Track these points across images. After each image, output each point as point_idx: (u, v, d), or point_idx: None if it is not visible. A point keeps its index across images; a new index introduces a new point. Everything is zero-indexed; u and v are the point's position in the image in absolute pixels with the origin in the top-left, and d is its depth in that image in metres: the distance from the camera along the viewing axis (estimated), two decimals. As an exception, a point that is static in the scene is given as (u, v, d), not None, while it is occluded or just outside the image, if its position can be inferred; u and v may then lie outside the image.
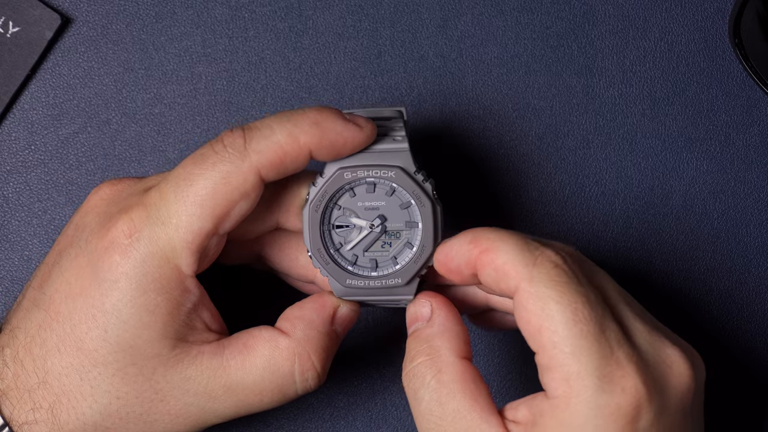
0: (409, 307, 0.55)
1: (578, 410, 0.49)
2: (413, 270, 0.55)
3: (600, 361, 0.49)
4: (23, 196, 0.63)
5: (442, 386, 0.51)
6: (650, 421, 0.49)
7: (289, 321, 0.54)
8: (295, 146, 0.52)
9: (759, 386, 0.64)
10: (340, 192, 0.55)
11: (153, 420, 0.53)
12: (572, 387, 0.49)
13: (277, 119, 0.53)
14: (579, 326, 0.49)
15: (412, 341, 0.54)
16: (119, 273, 0.52)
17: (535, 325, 0.50)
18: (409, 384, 0.52)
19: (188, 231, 0.52)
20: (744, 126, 0.64)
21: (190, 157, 0.53)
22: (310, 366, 0.53)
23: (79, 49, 0.63)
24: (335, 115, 0.53)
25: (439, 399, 0.51)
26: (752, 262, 0.64)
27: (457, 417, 0.51)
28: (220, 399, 0.53)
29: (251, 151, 0.52)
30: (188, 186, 0.52)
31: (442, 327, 0.54)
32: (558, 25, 0.64)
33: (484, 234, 0.52)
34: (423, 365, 0.52)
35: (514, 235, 0.52)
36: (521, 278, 0.50)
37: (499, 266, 0.51)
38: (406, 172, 0.54)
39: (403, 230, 0.55)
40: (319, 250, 0.55)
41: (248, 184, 0.52)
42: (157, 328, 0.52)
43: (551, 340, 0.49)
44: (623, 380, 0.49)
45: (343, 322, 0.55)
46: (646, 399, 0.49)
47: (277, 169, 0.52)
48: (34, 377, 0.52)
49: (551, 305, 0.49)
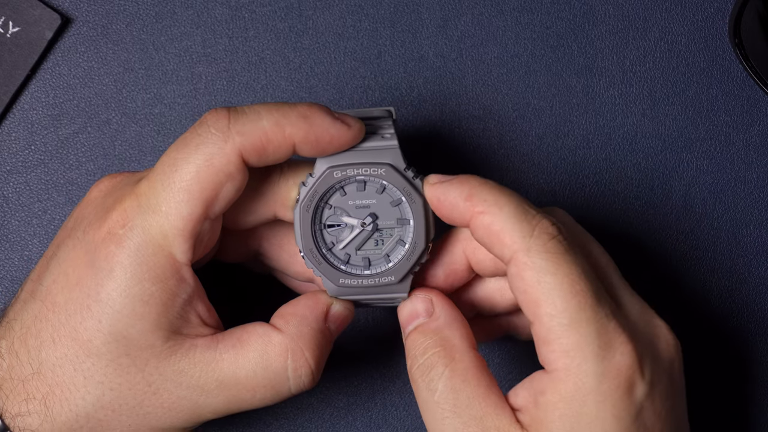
0: (404, 306, 0.55)
1: (580, 380, 0.49)
2: (406, 267, 0.55)
3: (598, 331, 0.50)
4: (23, 196, 0.63)
5: (456, 374, 0.52)
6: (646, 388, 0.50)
7: (282, 317, 0.54)
8: (280, 136, 0.52)
9: (759, 386, 0.64)
10: (330, 191, 0.54)
11: (146, 412, 0.53)
12: (572, 358, 0.49)
13: (266, 107, 0.53)
14: (577, 298, 0.50)
15: (418, 336, 0.54)
16: (114, 263, 0.52)
17: (531, 297, 0.50)
18: (421, 377, 0.53)
19: (178, 217, 0.52)
20: (744, 126, 0.64)
21: (175, 142, 0.53)
22: (303, 362, 0.53)
23: (79, 49, 0.63)
24: (324, 111, 0.53)
25: (454, 387, 0.52)
26: (752, 262, 0.64)
27: (471, 404, 0.51)
28: (213, 393, 0.53)
29: (235, 132, 0.52)
30: (173, 172, 0.52)
31: (449, 318, 0.54)
32: (558, 25, 0.64)
33: (481, 193, 0.52)
34: (435, 356, 0.52)
35: (512, 198, 0.52)
36: (518, 248, 0.51)
37: (494, 232, 0.51)
38: (396, 169, 0.54)
39: (395, 227, 0.55)
40: (311, 250, 0.55)
41: (232, 166, 0.52)
42: (151, 319, 0.52)
43: (548, 312, 0.50)
44: (621, 347, 0.50)
45: (337, 320, 0.55)
46: (641, 365, 0.50)
47: (259, 155, 0.52)
48: (28, 368, 0.52)
49: (548, 277, 0.50)
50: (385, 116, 0.55)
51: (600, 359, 0.49)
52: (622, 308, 0.52)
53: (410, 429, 0.64)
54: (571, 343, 0.49)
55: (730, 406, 0.64)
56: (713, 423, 0.64)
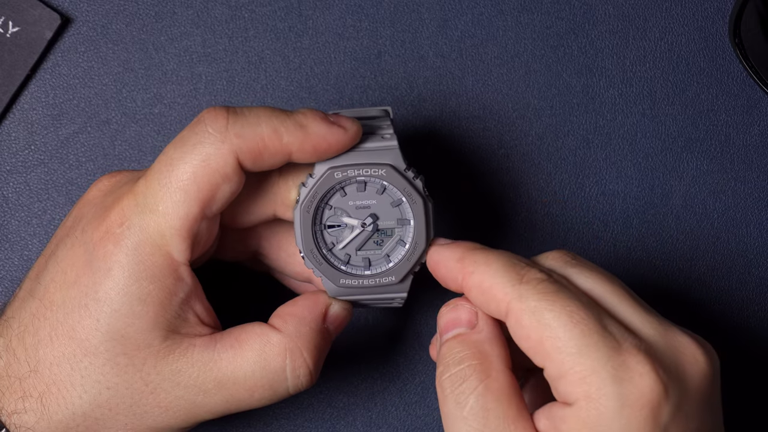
0: (445, 312, 0.54)
1: (602, 404, 0.48)
2: (406, 267, 0.55)
3: (609, 354, 0.48)
4: (23, 196, 0.63)
5: (490, 392, 0.50)
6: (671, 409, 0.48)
7: (281, 318, 0.54)
8: (277, 143, 0.52)
9: (760, 386, 0.64)
10: (330, 192, 0.55)
11: (143, 412, 0.53)
12: (590, 384, 0.48)
13: (265, 111, 0.53)
14: (579, 326, 0.49)
15: (457, 344, 0.52)
16: (112, 261, 0.52)
17: (535, 338, 0.49)
18: (452, 387, 0.51)
19: (175, 217, 0.52)
20: (744, 126, 0.64)
21: (172, 141, 0.53)
22: (301, 362, 0.53)
23: (78, 49, 0.63)
24: (320, 118, 0.53)
25: (486, 405, 0.50)
26: (752, 262, 0.64)
27: (501, 426, 0.50)
28: (211, 393, 0.53)
29: (233, 134, 0.52)
30: (170, 171, 0.52)
31: (491, 334, 0.52)
32: (558, 25, 0.64)
33: (471, 255, 0.52)
34: (471, 369, 0.51)
35: (501, 256, 0.52)
36: (510, 298, 0.50)
37: (486, 289, 0.51)
38: (397, 170, 0.54)
39: (395, 228, 0.55)
40: (311, 251, 0.55)
41: (229, 167, 0.52)
42: (149, 318, 0.52)
43: (555, 346, 0.49)
44: (639, 367, 0.48)
45: (335, 321, 0.55)
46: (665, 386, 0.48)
47: (254, 160, 0.52)
48: (26, 366, 0.53)
49: (545, 315, 0.49)
50: (382, 116, 0.55)
51: (618, 381, 0.48)
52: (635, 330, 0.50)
53: (410, 429, 0.64)
54: (586, 370, 0.48)
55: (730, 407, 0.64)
56: (713, 423, 0.64)
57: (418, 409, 0.64)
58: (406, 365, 0.64)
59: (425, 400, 0.64)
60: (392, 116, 0.55)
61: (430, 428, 0.64)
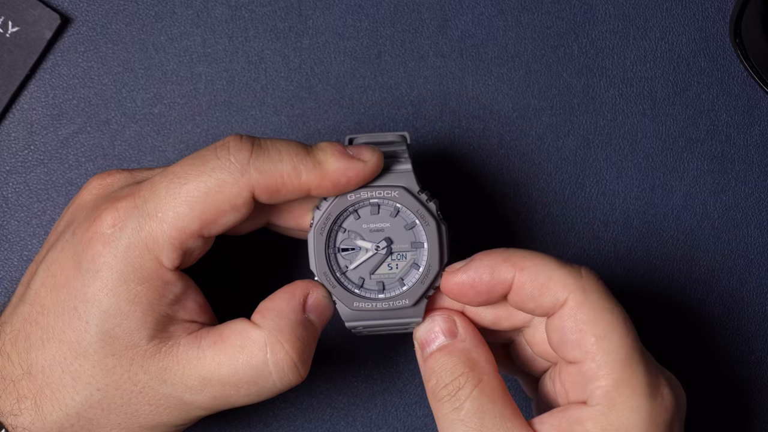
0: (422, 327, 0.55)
1: (625, 415, 0.50)
2: (420, 290, 0.54)
3: (647, 369, 0.51)
4: (23, 196, 0.63)
5: (484, 395, 0.52)
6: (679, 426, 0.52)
7: (260, 313, 0.54)
8: (296, 182, 0.52)
9: (760, 386, 0.64)
10: (344, 214, 0.54)
11: (134, 411, 0.53)
12: (620, 393, 0.50)
13: (287, 147, 0.53)
14: (631, 336, 0.51)
15: (443, 356, 0.54)
16: (101, 263, 0.52)
17: (589, 334, 0.51)
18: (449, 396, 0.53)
19: (173, 227, 0.52)
20: (744, 126, 0.64)
21: (191, 156, 0.53)
22: (283, 355, 0.53)
23: (78, 49, 0.63)
24: (339, 153, 0.53)
25: (482, 407, 0.52)
26: (753, 262, 0.64)
27: (498, 424, 0.52)
28: (197, 390, 0.53)
29: (253, 168, 0.52)
30: (182, 184, 0.52)
31: (475, 340, 0.54)
32: (558, 25, 0.64)
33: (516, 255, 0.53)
34: (464, 377, 0.53)
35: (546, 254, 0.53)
36: (572, 289, 0.52)
37: (542, 283, 0.52)
38: (410, 192, 0.54)
39: (409, 251, 0.55)
40: (325, 274, 0.55)
41: (241, 199, 0.52)
42: (137, 318, 0.52)
43: (605, 348, 0.51)
44: (665, 388, 0.51)
45: (316, 309, 0.55)
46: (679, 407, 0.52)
47: (270, 195, 0.53)
48: (19, 369, 0.53)
49: (606, 315, 0.51)
50: (398, 141, 0.55)
51: (649, 397, 0.51)
52: None
53: (410, 429, 0.64)
54: (624, 379, 0.51)
55: (729, 406, 0.64)
56: (713, 422, 0.64)
57: (418, 409, 0.64)
58: (406, 365, 0.64)
59: (425, 400, 0.64)
60: (409, 141, 0.55)
61: (430, 428, 0.64)
